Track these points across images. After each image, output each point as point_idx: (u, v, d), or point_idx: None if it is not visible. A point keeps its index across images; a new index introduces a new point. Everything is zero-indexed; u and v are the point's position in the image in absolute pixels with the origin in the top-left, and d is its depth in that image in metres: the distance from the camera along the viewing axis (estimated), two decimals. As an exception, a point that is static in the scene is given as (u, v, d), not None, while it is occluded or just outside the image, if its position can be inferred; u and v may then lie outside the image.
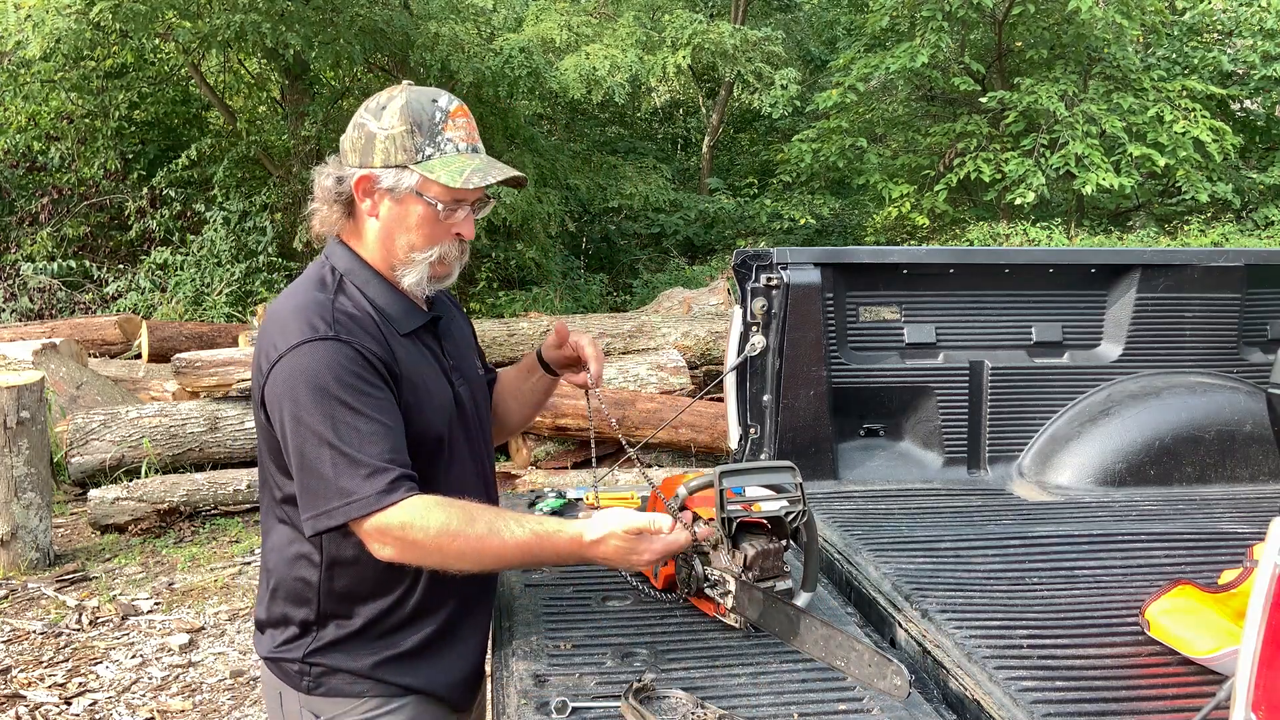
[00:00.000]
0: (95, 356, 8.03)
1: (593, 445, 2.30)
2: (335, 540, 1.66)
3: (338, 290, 1.69)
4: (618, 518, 1.67)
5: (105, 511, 5.37)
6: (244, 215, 10.93)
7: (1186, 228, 11.78)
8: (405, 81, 1.79)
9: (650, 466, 6.19)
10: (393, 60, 10.80)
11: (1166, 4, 12.42)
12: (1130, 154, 11.08)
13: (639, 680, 1.56)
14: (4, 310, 10.33)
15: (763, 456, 2.75)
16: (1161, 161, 11.03)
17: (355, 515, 1.56)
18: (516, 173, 1.75)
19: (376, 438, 1.58)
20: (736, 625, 1.79)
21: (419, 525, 1.56)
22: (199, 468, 5.88)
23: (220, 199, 11.00)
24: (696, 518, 1.82)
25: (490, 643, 1.89)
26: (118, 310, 10.21)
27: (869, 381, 2.81)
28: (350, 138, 1.74)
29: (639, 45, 10.88)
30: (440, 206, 1.69)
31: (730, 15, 13.74)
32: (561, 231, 11.85)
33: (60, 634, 4.27)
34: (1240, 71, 12.49)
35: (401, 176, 1.68)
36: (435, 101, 1.71)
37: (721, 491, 1.73)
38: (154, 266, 10.79)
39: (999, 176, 11.54)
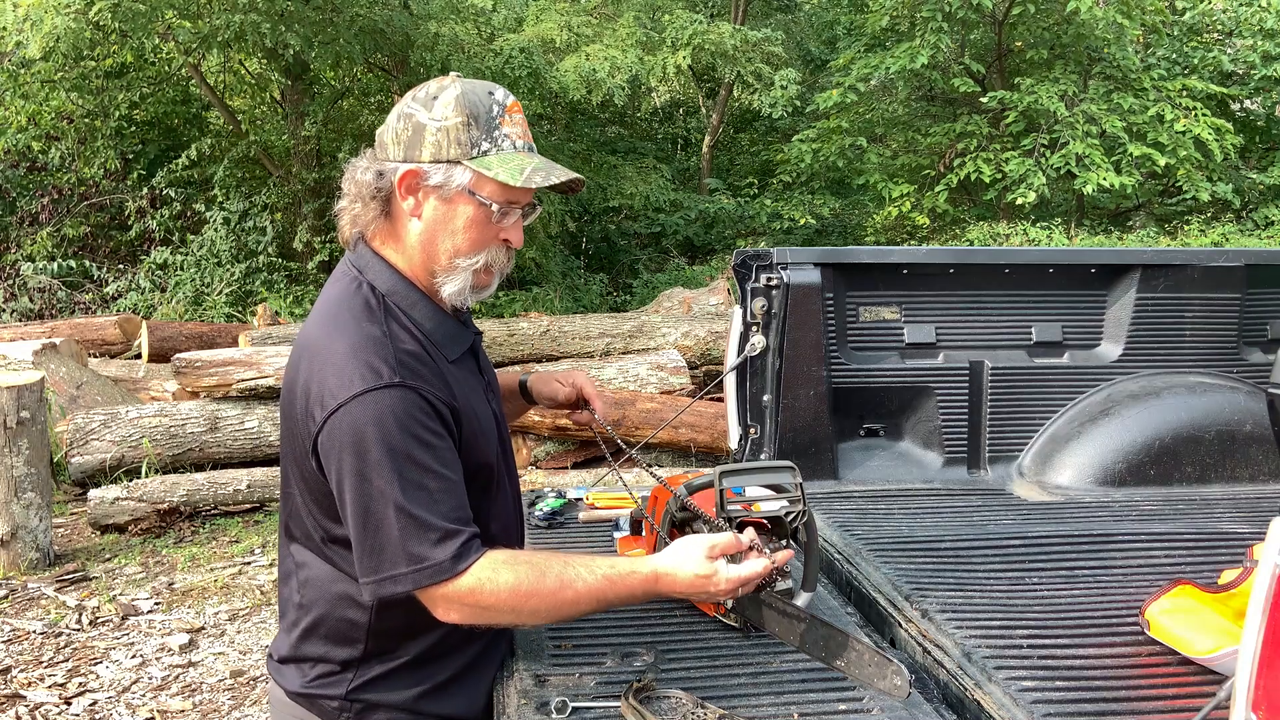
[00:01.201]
0: (95, 356, 8.03)
1: (608, 455, 2.28)
2: None
3: (387, 318, 1.54)
4: (692, 546, 1.56)
5: (105, 511, 5.37)
6: (244, 215, 10.94)
7: (1186, 228, 11.78)
8: (453, 74, 1.62)
9: (651, 466, 6.19)
10: (393, 60, 10.81)
11: (1166, 4, 12.42)
12: (1130, 154, 11.08)
13: (639, 680, 1.57)
14: (4, 310, 10.33)
15: (763, 456, 2.75)
16: (1162, 161, 11.03)
17: (424, 584, 1.46)
18: (578, 175, 1.60)
19: (444, 495, 1.48)
20: (736, 625, 1.79)
21: (489, 590, 1.47)
22: (199, 468, 5.88)
23: (220, 199, 11.01)
24: (765, 536, 1.73)
25: None
26: (118, 310, 10.22)
27: (869, 381, 2.81)
28: (393, 129, 1.56)
29: (639, 45, 10.88)
30: (495, 207, 1.54)
31: (730, 15, 13.75)
32: (561, 231, 11.85)
33: (60, 634, 4.27)
34: (1240, 71, 12.49)
35: (453, 173, 1.53)
36: (491, 94, 1.56)
37: (721, 491, 1.73)
38: (154, 266, 10.80)
39: (999, 176, 11.55)
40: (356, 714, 1.62)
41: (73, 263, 10.80)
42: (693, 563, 1.55)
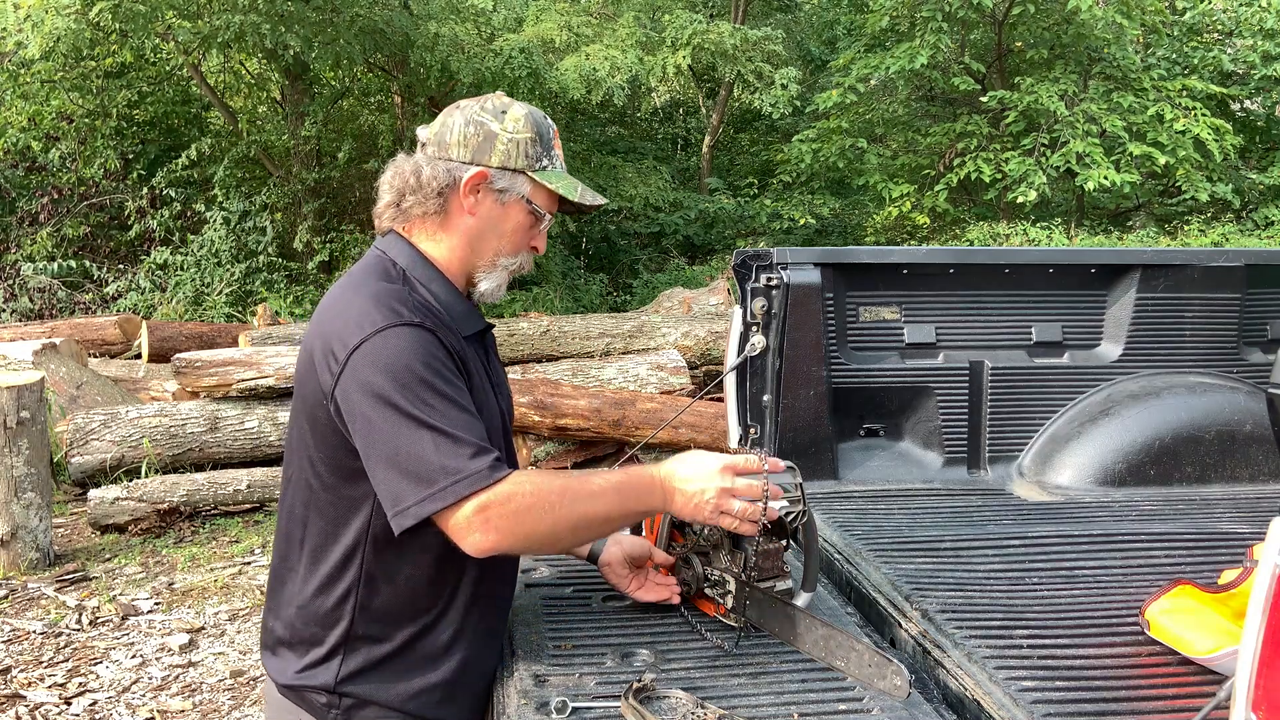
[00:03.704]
0: (95, 356, 8.03)
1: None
2: (377, 551, 1.60)
3: (404, 282, 1.64)
4: (708, 458, 1.63)
5: (105, 511, 5.37)
6: (244, 215, 10.95)
7: (1186, 228, 11.79)
8: (498, 91, 1.80)
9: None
10: (392, 60, 10.81)
11: (1166, 4, 12.42)
12: (1130, 153, 11.09)
13: (639, 680, 1.56)
14: (4, 310, 10.33)
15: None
16: (1162, 160, 11.04)
17: (463, 494, 1.47)
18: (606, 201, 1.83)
19: (472, 424, 1.53)
20: (737, 625, 1.79)
21: (524, 492, 1.50)
22: (199, 468, 5.88)
23: (220, 199, 11.01)
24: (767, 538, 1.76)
25: None
26: (118, 310, 10.22)
27: (869, 381, 2.81)
28: (460, 132, 1.68)
29: (639, 45, 10.89)
30: (547, 217, 1.72)
31: (730, 15, 13.75)
32: (561, 231, 11.85)
33: (60, 634, 4.27)
34: (1240, 71, 12.50)
35: (515, 181, 1.68)
36: (546, 119, 1.74)
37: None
38: (154, 266, 10.80)
39: (999, 176, 11.55)
40: (345, 710, 1.63)
41: (73, 263, 10.81)
42: (704, 473, 1.61)
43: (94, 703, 3.72)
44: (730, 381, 2.76)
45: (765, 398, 2.73)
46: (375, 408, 1.50)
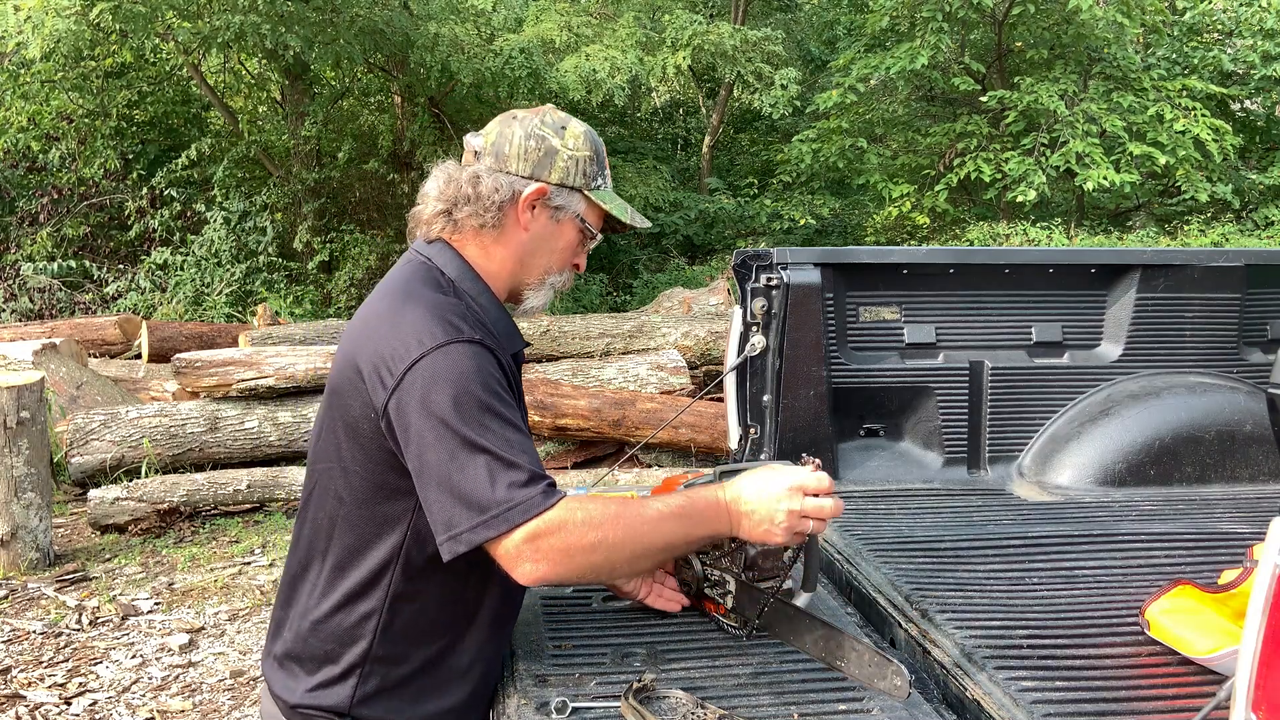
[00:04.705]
0: (95, 356, 8.03)
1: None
2: (408, 571, 1.57)
3: (455, 295, 1.60)
4: (776, 478, 1.57)
5: (105, 511, 5.37)
6: (244, 215, 10.96)
7: (1186, 228, 11.79)
8: (548, 105, 1.78)
9: (650, 467, 6.19)
10: (392, 60, 10.81)
11: (1166, 4, 12.42)
12: (1130, 153, 11.09)
13: (639, 680, 1.56)
14: (4, 310, 10.34)
15: (763, 456, 2.75)
16: (1161, 160, 11.04)
17: (517, 521, 1.42)
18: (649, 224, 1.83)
19: (526, 445, 1.49)
20: (737, 625, 1.79)
21: (578, 520, 1.45)
22: (199, 468, 5.88)
23: (220, 199, 11.02)
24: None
25: None
26: (118, 310, 10.23)
27: (869, 381, 2.81)
28: (521, 145, 1.65)
29: (639, 46, 10.89)
30: (597, 236, 1.72)
31: (730, 15, 13.75)
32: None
33: (60, 634, 4.27)
34: (1240, 71, 12.50)
35: (572, 198, 1.68)
36: (599, 137, 1.75)
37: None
38: (154, 266, 10.81)
39: (999, 176, 11.55)
40: None
41: (73, 263, 10.81)
42: (774, 494, 1.56)
43: (94, 703, 3.72)
44: (730, 381, 2.76)
45: (765, 398, 2.73)
46: (432, 427, 1.45)
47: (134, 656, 4.09)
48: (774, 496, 1.57)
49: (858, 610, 2.00)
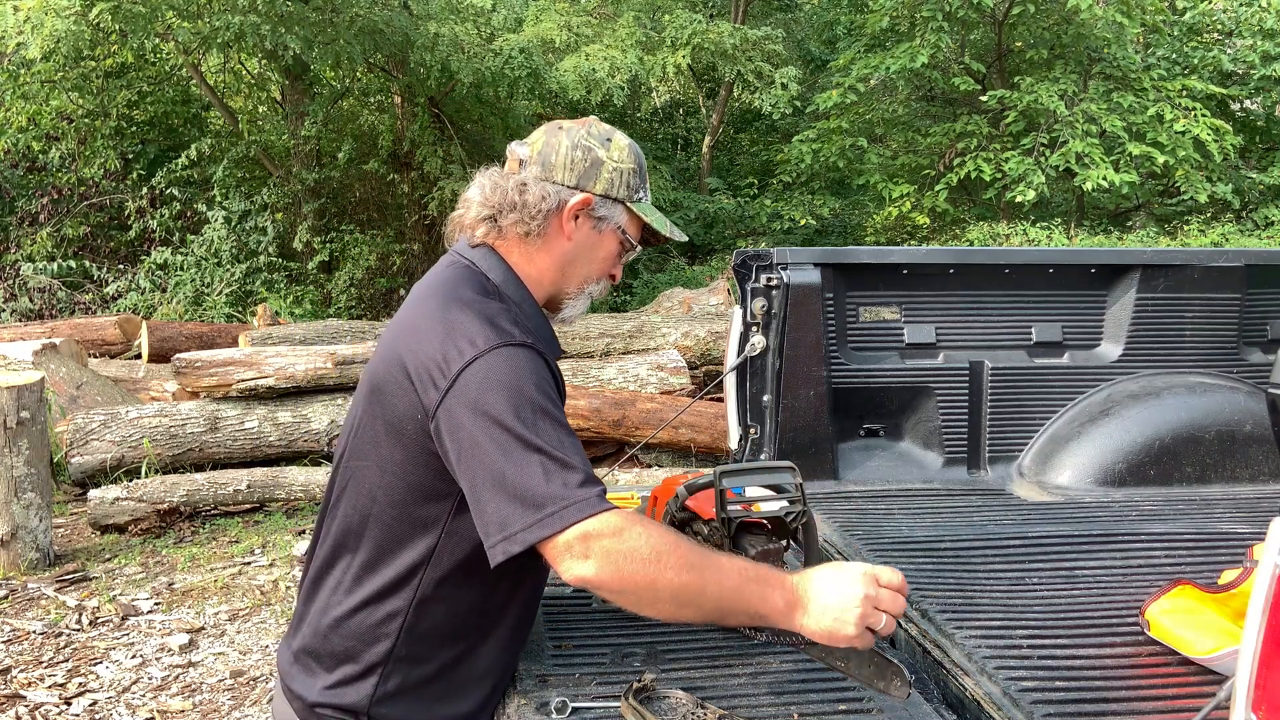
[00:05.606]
0: (95, 356, 8.03)
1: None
2: (439, 574, 1.56)
3: (500, 300, 1.61)
4: (849, 578, 1.42)
5: (105, 511, 5.37)
6: (244, 215, 10.96)
7: (1186, 228, 11.79)
8: (592, 116, 1.80)
9: (650, 467, 6.19)
10: (392, 60, 10.81)
11: (1166, 4, 12.42)
12: (1130, 153, 11.09)
13: (639, 680, 1.56)
14: (4, 310, 10.34)
15: (763, 456, 2.75)
16: (1161, 160, 11.04)
17: (572, 519, 1.38)
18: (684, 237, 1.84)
19: (578, 449, 1.47)
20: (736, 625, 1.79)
21: (635, 532, 1.40)
22: (199, 468, 5.88)
23: (220, 199, 11.01)
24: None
25: None
26: (118, 310, 10.23)
27: (869, 381, 2.81)
28: (567, 155, 1.67)
29: (639, 45, 10.89)
30: (638, 248, 1.75)
31: (730, 15, 13.75)
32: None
33: (60, 634, 4.27)
34: (1240, 71, 12.50)
35: (615, 210, 1.70)
36: (640, 151, 1.77)
37: (721, 491, 1.73)
38: (154, 266, 10.81)
39: (999, 176, 11.55)
40: None
41: (73, 263, 10.81)
42: (849, 597, 1.41)
43: (94, 703, 3.72)
44: (730, 381, 2.77)
45: (765, 398, 2.73)
46: (486, 429, 1.44)
47: (134, 656, 4.09)
48: (850, 599, 1.42)
49: (858, 610, 1.99)
